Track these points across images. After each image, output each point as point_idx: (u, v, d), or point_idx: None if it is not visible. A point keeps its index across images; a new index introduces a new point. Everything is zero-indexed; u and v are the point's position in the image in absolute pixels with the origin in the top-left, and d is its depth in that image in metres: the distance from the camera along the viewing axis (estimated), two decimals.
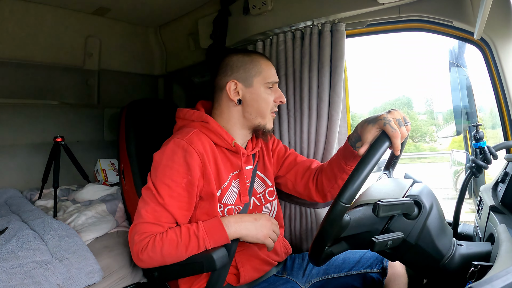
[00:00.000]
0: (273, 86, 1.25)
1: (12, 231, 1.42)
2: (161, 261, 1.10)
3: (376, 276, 1.28)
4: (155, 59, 2.51)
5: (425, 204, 0.91)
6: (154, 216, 1.10)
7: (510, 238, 0.83)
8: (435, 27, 1.40)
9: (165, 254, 1.08)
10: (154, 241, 1.07)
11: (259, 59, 1.25)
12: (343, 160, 1.22)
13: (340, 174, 1.25)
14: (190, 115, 1.25)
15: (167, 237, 1.08)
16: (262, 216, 1.19)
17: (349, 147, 1.18)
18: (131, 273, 1.55)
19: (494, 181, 1.23)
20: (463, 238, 1.35)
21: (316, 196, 1.36)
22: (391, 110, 1.01)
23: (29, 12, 1.87)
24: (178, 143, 1.14)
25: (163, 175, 1.12)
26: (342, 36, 1.50)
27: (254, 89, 1.22)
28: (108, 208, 1.76)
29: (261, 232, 1.16)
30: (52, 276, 1.26)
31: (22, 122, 2.09)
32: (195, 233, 1.10)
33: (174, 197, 1.11)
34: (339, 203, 0.84)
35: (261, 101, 1.22)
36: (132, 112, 1.71)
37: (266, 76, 1.22)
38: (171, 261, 1.11)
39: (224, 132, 1.21)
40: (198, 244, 1.10)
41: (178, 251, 1.08)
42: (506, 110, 1.28)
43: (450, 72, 1.70)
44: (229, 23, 1.85)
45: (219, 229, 1.12)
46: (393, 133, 0.93)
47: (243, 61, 1.24)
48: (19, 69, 1.98)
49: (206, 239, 1.10)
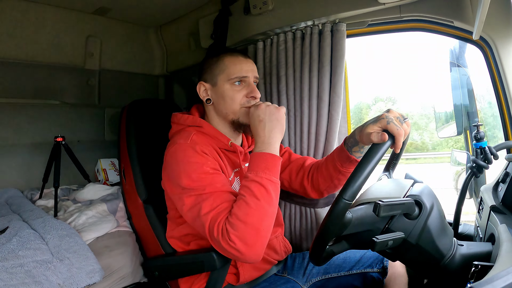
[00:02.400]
0: (242, 81, 1.24)
1: (12, 231, 1.42)
2: (253, 232, 0.99)
3: (377, 276, 1.28)
4: (155, 59, 2.51)
5: (426, 204, 0.91)
6: (212, 205, 1.04)
7: (510, 238, 0.83)
8: (435, 27, 1.40)
9: (248, 221, 0.98)
10: (228, 221, 1.00)
11: (225, 58, 1.25)
12: (339, 162, 1.23)
13: (336, 175, 1.26)
14: (184, 120, 1.27)
15: (235, 207, 1.01)
16: (262, 113, 1.13)
17: (345, 151, 1.20)
18: (132, 272, 1.55)
19: (494, 181, 1.23)
20: (463, 238, 1.35)
21: (312, 193, 1.37)
22: (389, 109, 1.01)
23: (29, 12, 1.87)
24: (183, 145, 1.14)
25: (187, 175, 1.09)
26: (342, 36, 1.50)
27: (219, 87, 1.24)
28: (108, 208, 1.76)
29: (279, 117, 1.13)
30: (52, 276, 1.26)
31: (22, 122, 2.09)
32: (253, 180, 1.04)
33: (212, 180, 1.08)
34: (342, 200, 0.84)
35: (226, 98, 1.23)
36: (132, 112, 1.71)
37: (229, 72, 1.22)
38: (258, 223, 0.99)
39: (219, 134, 1.23)
40: (264, 187, 1.03)
41: (255, 208, 1.00)
42: (506, 110, 1.28)
43: (451, 72, 1.70)
44: (229, 23, 1.85)
45: (266, 158, 1.07)
46: (398, 131, 0.94)
47: (210, 63, 1.27)
48: (20, 69, 1.98)
49: (266, 175, 1.05)
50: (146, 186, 1.56)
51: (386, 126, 0.96)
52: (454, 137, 1.64)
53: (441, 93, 1.82)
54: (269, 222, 1.02)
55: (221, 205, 1.04)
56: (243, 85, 1.24)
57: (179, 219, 1.26)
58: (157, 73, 2.55)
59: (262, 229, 1.00)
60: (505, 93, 1.27)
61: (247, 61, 1.26)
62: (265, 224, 1.00)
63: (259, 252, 1.01)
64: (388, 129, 0.96)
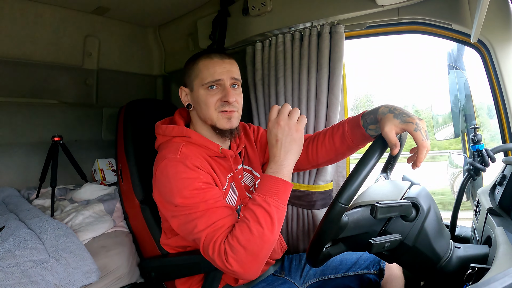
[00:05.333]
0: (218, 84, 1.18)
1: (9, 230, 1.42)
2: (251, 258, 0.97)
3: (373, 278, 1.28)
4: (154, 59, 2.51)
5: (423, 206, 0.91)
6: (207, 222, 1.02)
7: (507, 240, 0.83)
8: (434, 30, 1.40)
9: (248, 247, 0.96)
10: (228, 242, 0.98)
11: (200, 61, 1.20)
12: (350, 137, 1.16)
13: (342, 149, 1.20)
14: (170, 131, 1.22)
15: (237, 229, 0.98)
16: (280, 133, 1.06)
17: (361, 127, 1.12)
18: (128, 273, 1.54)
19: (491, 184, 1.23)
20: (460, 241, 1.35)
21: (306, 165, 1.32)
22: (422, 119, 0.96)
23: (28, 11, 1.86)
24: (173, 160, 1.10)
25: (179, 192, 1.05)
26: (341, 38, 1.50)
27: (195, 92, 1.20)
28: (105, 208, 1.75)
29: (297, 138, 1.06)
30: (49, 276, 1.26)
31: (20, 121, 2.08)
32: (260, 205, 0.99)
33: (205, 196, 1.05)
34: (338, 204, 0.84)
35: (201, 103, 1.18)
36: (130, 112, 1.71)
37: (202, 77, 1.17)
38: (258, 250, 0.97)
39: (208, 142, 1.19)
40: (270, 215, 0.98)
41: (258, 236, 0.96)
42: (504, 113, 1.29)
43: (449, 74, 1.70)
44: (228, 24, 1.85)
45: (278, 183, 1.02)
46: (423, 142, 0.92)
47: (188, 67, 1.22)
48: (18, 68, 1.98)
49: (274, 202, 1.00)
50: (143, 187, 1.55)
51: (412, 132, 0.93)
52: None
53: (439, 96, 1.82)
54: (269, 249, 1.00)
55: (217, 223, 1.02)
56: (218, 89, 1.17)
57: (174, 231, 1.23)
58: (155, 73, 2.56)
59: (261, 256, 0.98)
60: (502, 96, 1.27)
61: (223, 62, 1.18)
62: (265, 252, 0.99)
63: (254, 274, 1.01)
64: (413, 136, 0.93)
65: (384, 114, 1.00)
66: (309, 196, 1.66)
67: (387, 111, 0.99)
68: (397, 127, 0.95)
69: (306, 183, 1.67)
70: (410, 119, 0.94)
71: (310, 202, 1.65)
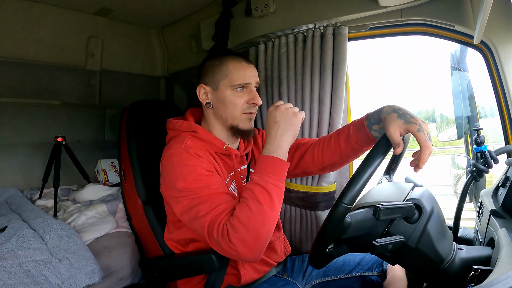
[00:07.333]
0: (245, 87, 1.22)
1: (12, 230, 1.42)
2: (254, 236, 0.98)
3: (376, 279, 1.28)
4: (157, 60, 2.52)
5: (426, 207, 0.91)
6: (210, 206, 1.04)
7: (510, 242, 0.83)
8: (437, 31, 1.40)
9: (249, 225, 0.97)
10: (230, 223, 0.99)
11: (228, 62, 1.22)
12: (354, 139, 1.18)
13: (346, 151, 1.21)
14: (179, 126, 1.26)
15: (237, 209, 1.00)
16: (279, 115, 1.10)
17: (365, 128, 1.13)
18: (131, 273, 1.55)
19: (494, 186, 1.23)
20: (463, 242, 1.35)
21: (312, 167, 1.33)
22: (425, 121, 0.97)
23: (31, 12, 1.87)
24: (178, 149, 1.14)
25: (183, 177, 1.08)
26: (344, 39, 1.50)
27: (221, 92, 1.22)
28: (108, 209, 1.76)
29: (294, 122, 1.09)
30: (51, 276, 1.26)
31: (23, 122, 2.09)
32: (257, 184, 1.01)
33: (208, 182, 1.07)
34: (341, 204, 0.84)
35: (228, 103, 1.21)
36: (133, 113, 1.71)
37: (232, 79, 1.20)
38: (259, 227, 0.98)
39: (214, 138, 1.22)
40: (268, 192, 1.00)
41: (257, 212, 0.98)
42: (507, 114, 1.28)
43: (452, 76, 1.70)
44: (231, 25, 1.85)
45: (274, 162, 1.04)
46: (426, 142, 0.92)
47: (212, 65, 1.24)
48: (21, 69, 1.99)
49: (272, 180, 1.02)
50: (146, 187, 1.56)
51: (415, 133, 0.93)
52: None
53: (442, 97, 1.82)
54: (270, 226, 1.01)
55: (220, 206, 1.03)
56: (244, 91, 1.22)
57: (178, 223, 1.25)
58: (158, 75, 2.56)
59: (263, 233, 0.99)
60: (505, 97, 1.27)
61: (250, 67, 1.24)
62: (266, 229, 1.00)
63: (258, 254, 1.01)
64: (416, 136, 0.93)
65: (388, 113, 1.00)
66: (312, 198, 1.66)
67: (391, 111, 1.00)
68: (401, 127, 0.95)
69: (309, 184, 1.67)
70: (414, 120, 0.95)
71: (313, 204, 1.65)
